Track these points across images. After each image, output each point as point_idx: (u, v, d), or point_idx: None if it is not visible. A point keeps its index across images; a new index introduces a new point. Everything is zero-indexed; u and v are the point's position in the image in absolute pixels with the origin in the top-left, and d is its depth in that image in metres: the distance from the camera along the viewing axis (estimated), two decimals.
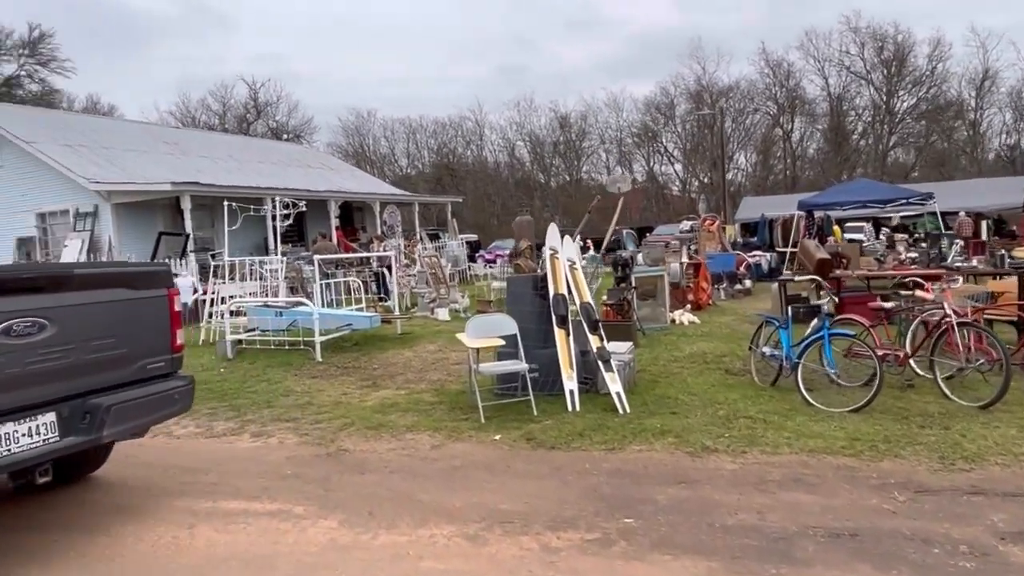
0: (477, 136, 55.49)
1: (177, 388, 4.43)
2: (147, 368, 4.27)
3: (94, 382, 3.93)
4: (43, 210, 18.62)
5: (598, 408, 6.05)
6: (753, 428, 5.31)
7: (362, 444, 5.49)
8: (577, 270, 6.79)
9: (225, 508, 4.26)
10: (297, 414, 6.47)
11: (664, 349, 8.60)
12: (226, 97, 53.55)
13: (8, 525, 4.16)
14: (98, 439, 3.89)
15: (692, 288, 12.40)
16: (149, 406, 4.21)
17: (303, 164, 29.37)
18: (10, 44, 42.88)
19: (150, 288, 4.38)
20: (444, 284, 14.64)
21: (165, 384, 4.36)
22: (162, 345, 4.40)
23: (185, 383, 4.52)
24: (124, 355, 4.11)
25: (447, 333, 10.92)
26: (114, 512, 4.29)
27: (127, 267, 5.76)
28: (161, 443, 5.81)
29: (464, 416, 6.09)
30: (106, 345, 4.00)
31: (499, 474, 4.67)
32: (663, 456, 4.87)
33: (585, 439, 5.27)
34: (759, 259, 18.61)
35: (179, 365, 4.57)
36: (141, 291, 4.30)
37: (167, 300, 4.45)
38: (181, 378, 4.54)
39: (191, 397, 4.62)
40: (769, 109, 48.74)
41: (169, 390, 4.36)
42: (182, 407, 4.54)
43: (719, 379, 7.04)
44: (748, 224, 29.82)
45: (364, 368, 8.54)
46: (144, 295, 4.31)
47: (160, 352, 4.37)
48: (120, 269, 5.29)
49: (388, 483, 4.59)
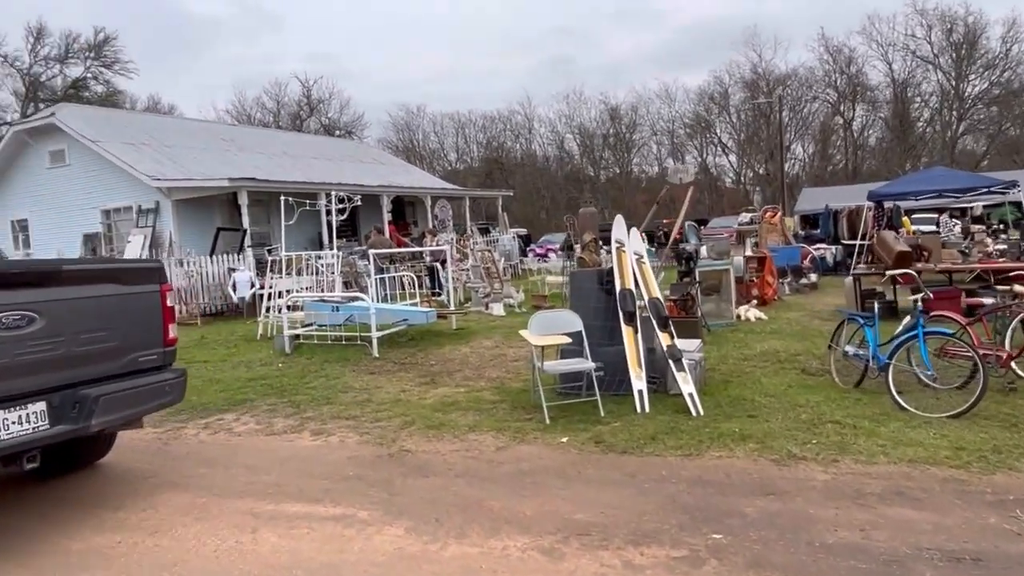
0: (526, 129, 55.25)
1: (168, 380, 4.57)
2: (139, 361, 4.42)
3: (84, 373, 4.07)
4: (108, 207, 19.13)
5: (668, 410, 5.74)
6: (842, 434, 4.92)
7: (424, 444, 5.30)
8: (644, 264, 6.47)
9: (288, 511, 4.11)
10: (356, 412, 6.33)
11: (733, 347, 8.21)
12: (280, 95, 54.60)
13: (74, 524, 4.11)
14: (87, 428, 4.01)
15: (756, 282, 11.90)
16: (138, 397, 4.36)
17: (355, 159, 29.60)
18: (77, 48, 44.55)
19: (142, 284, 4.53)
20: (498, 279, 14.44)
21: (156, 376, 4.51)
22: (154, 339, 4.55)
23: (176, 375, 4.66)
24: (115, 348, 4.26)
25: (503, 329, 10.72)
26: (178, 512, 4.19)
27: (117, 263, 6.03)
28: (222, 440, 5.75)
29: (528, 416, 5.85)
30: (96, 338, 4.15)
31: (570, 480, 4.41)
32: (745, 463, 4.53)
33: (658, 443, 4.97)
34: (823, 252, 17.88)
35: (172, 358, 4.73)
36: (132, 287, 4.45)
37: (159, 296, 4.61)
38: (173, 371, 4.68)
39: (182, 389, 4.74)
40: (828, 97, 47.10)
41: (160, 382, 4.50)
42: (173, 399, 4.67)
43: (796, 379, 6.62)
44: (808, 216, 28.82)
45: (421, 364, 8.39)
46: (135, 291, 4.46)
47: (152, 346, 4.53)
48: (110, 265, 5.49)
49: (454, 487, 4.38)
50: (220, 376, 8.29)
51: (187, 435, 5.94)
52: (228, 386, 7.69)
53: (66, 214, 19.67)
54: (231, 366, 8.92)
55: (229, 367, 8.87)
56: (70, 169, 19.73)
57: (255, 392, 7.33)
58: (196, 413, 6.63)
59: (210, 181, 17.80)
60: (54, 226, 19.95)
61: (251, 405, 6.82)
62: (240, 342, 10.95)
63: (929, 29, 43.34)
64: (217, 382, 7.96)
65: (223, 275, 15.44)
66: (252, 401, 6.96)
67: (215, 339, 11.51)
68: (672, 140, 51.95)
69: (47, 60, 44.55)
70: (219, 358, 9.56)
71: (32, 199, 20.60)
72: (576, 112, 57.85)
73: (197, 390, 7.58)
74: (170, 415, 6.59)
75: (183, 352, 10.32)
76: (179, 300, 14.47)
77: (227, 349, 10.35)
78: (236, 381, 7.91)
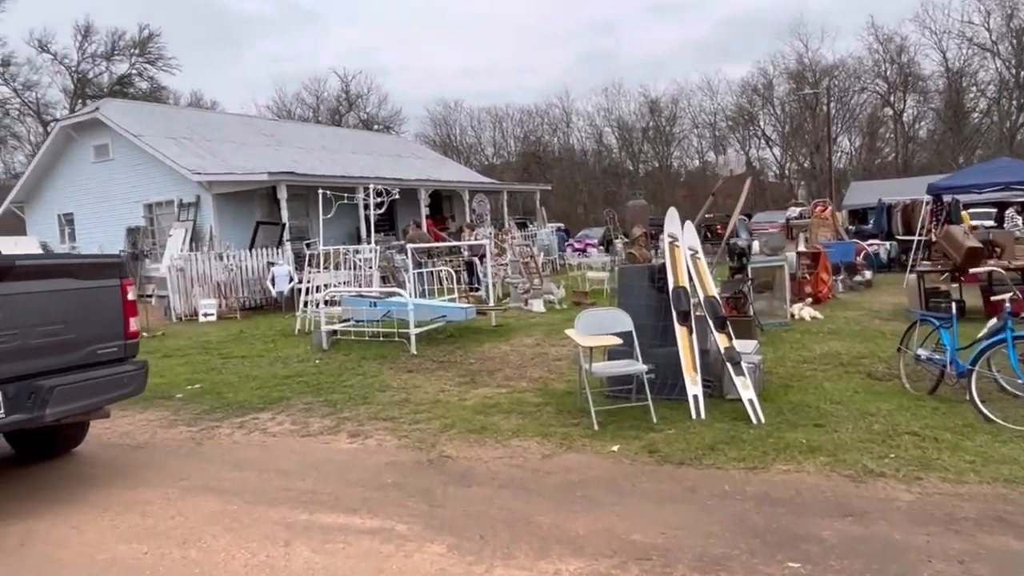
0: (564, 123, 54.68)
1: (127, 372, 4.70)
2: (97, 353, 4.54)
3: (40, 365, 4.19)
4: (150, 200, 19.33)
5: (726, 417, 5.35)
6: (923, 448, 4.48)
7: (465, 450, 5.01)
8: (700, 259, 6.07)
9: (323, 522, 3.86)
10: (395, 412, 6.08)
11: (790, 348, 7.75)
12: (319, 90, 55.04)
13: (100, 530, 3.92)
14: (41, 417, 4.12)
15: (810, 280, 11.35)
16: (95, 388, 4.47)
17: (393, 154, 29.53)
18: (123, 45, 45.45)
19: (101, 279, 4.63)
20: (537, 274, 14.11)
21: (116, 368, 4.63)
22: (114, 332, 4.67)
23: (137, 368, 4.78)
24: (72, 341, 4.39)
25: (543, 326, 10.41)
26: (208, 520, 3.97)
27: (74, 259, 6.17)
28: (257, 441, 5.54)
29: (574, 421, 5.52)
30: (53, 331, 4.27)
31: (624, 494, 4.07)
32: (817, 479, 4.13)
33: (718, 454, 4.59)
34: (877, 248, 17.13)
35: (134, 351, 4.85)
36: (90, 281, 4.55)
37: (119, 290, 4.72)
38: (134, 363, 4.80)
39: (142, 381, 4.85)
40: (878, 88, 45.52)
41: (119, 374, 4.63)
42: (133, 390, 4.77)
43: (862, 384, 6.16)
44: (856, 211, 27.82)
45: (460, 363, 8.11)
46: (93, 285, 4.57)
47: (112, 338, 4.65)
48: (66, 260, 5.60)
49: (498, 499, 4.08)
50: (257, 372, 8.14)
51: (221, 435, 5.76)
52: (264, 383, 7.52)
53: (110, 208, 19.95)
54: (268, 362, 8.78)
55: (266, 363, 8.73)
56: (114, 164, 19.99)
57: (291, 390, 7.14)
58: (232, 411, 6.46)
59: (250, 175, 17.82)
60: (98, 220, 20.25)
61: (287, 404, 6.62)
62: (278, 337, 10.84)
63: (987, 15, 41.54)
64: (254, 379, 7.81)
65: (262, 269, 15.42)
66: (288, 399, 6.76)
67: (253, 333, 11.42)
68: (714, 133, 50.92)
69: (94, 57, 45.62)
70: (256, 353, 9.44)
71: (78, 193, 20.95)
72: (615, 105, 57.20)
73: (233, 387, 7.44)
74: (205, 413, 6.44)
75: (222, 347, 10.32)
76: (219, 294, 14.48)
77: (264, 344, 10.23)
78: (273, 378, 7.74)
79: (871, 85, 45.62)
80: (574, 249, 26.77)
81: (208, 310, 13.92)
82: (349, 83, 54.52)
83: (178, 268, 14.30)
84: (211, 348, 10.19)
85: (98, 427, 6.21)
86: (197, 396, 7.16)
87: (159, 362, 9.25)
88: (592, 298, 13.15)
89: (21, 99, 43.40)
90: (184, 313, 14.20)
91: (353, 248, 13.31)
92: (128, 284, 4.80)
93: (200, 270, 14.48)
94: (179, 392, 7.38)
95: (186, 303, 14.30)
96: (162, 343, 11.06)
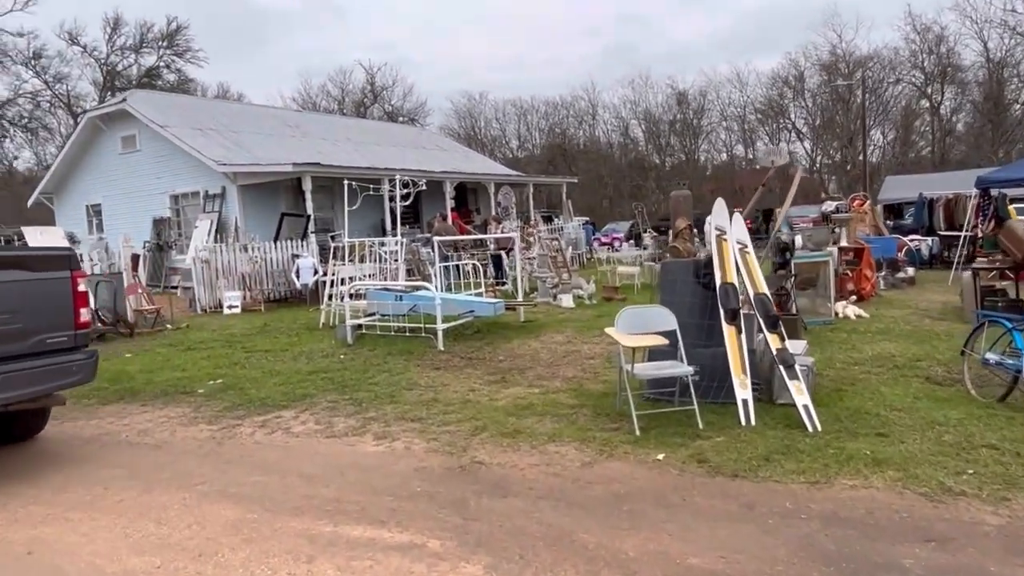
0: (590, 115, 54.03)
1: (76, 361, 4.84)
2: (46, 343, 4.68)
3: None
4: (176, 192, 19.28)
5: (778, 423, 4.97)
6: (1004, 463, 4.07)
7: (499, 455, 4.70)
8: (749, 254, 5.68)
9: (349, 535, 3.57)
10: (422, 413, 5.78)
11: (838, 349, 7.32)
12: (345, 83, 54.97)
13: (112, 540, 3.67)
14: None
15: (851, 276, 10.86)
16: (42, 376, 4.59)
17: (418, 146, 29.29)
18: (151, 37, 45.77)
19: (50, 270, 4.74)
20: (566, 268, 13.76)
21: (65, 357, 4.76)
22: (64, 322, 4.80)
23: (86, 357, 4.92)
24: (20, 330, 4.51)
25: (574, 322, 10.07)
26: (226, 530, 3.70)
27: (21, 251, 6.27)
28: (279, 441, 5.28)
29: (613, 425, 5.18)
30: (1, 321, 4.39)
31: (675, 509, 3.73)
32: (888, 497, 3.75)
33: (774, 466, 4.22)
34: (919, 244, 16.50)
35: (84, 340, 5.01)
36: (40, 273, 4.66)
37: (70, 281, 4.84)
38: (84, 352, 4.94)
39: (92, 370, 4.98)
40: (914, 79, 44.25)
41: (67, 363, 4.77)
42: (81, 378, 4.91)
43: (922, 390, 5.73)
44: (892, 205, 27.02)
45: (489, 360, 7.81)
46: (44, 277, 4.67)
47: (61, 328, 4.78)
48: (15, 252, 5.66)
49: (537, 513, 3.76)
50: (280, 368, 7.90)
51: (242, 434, 5.51)
52: (288, 379, 7.27)
53: (137, 199, 19.94)
54: (292, 356, 8.54)
55: (290, 358, 8.49)
56: (140, 155, 19.97)
57: (315, 387, 6.88)
58: (254, 409, 6.21)
59: (275, 166, 17.66)
60: (125, 211, 20.27)
61: (311, 401, 6.36)
62: (302, 330, 10.62)
63: None
64: (277, 374, 7.57)
65: (287, 261, 15.25)
66: (312, 397, 6.50)
67: (277, 327, 11.23)
68: (743, 126, 49.95)
69: (123, 50, 45.98)
70: (280, 347, 9.22)
71: (105, 184, 20.99)
72: (642, 97, 56.39)
73: (256, 383, 7.21)
74: (226, 411, 6.20)
75: (246, 340, 10.12)
76: (243, 286, 14.33)
77: (288, 338, 10.02)
78: (296, 374, 7.49)
79: (907, 76, 44.40)
80: (601, 243, 26.35)
81: (232, 302, 13.78)
82: (374, 75, 54.45)
83: (203, 260, 14.18)
84: (235, 341, 10.00)
85: (116, 424, 6.02)
86: (219, 392, 6.93)
87: (181, 355, 9.08)
88: (622, 293, 12.77)
89: (52, 91, 43.93)
90: (209, 305, 14.08)
91: (379, 240, 13.06)
92: (79, 276, 4.94)
93: (225, 262, 14.35)
94: (200, 387, 7.17)
95: (211, 295, 14.17)
96: (186, 335, 10.90)
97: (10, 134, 43.00)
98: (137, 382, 7.55)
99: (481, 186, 25.04)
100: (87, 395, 7.09)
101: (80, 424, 6.08)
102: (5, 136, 43.02)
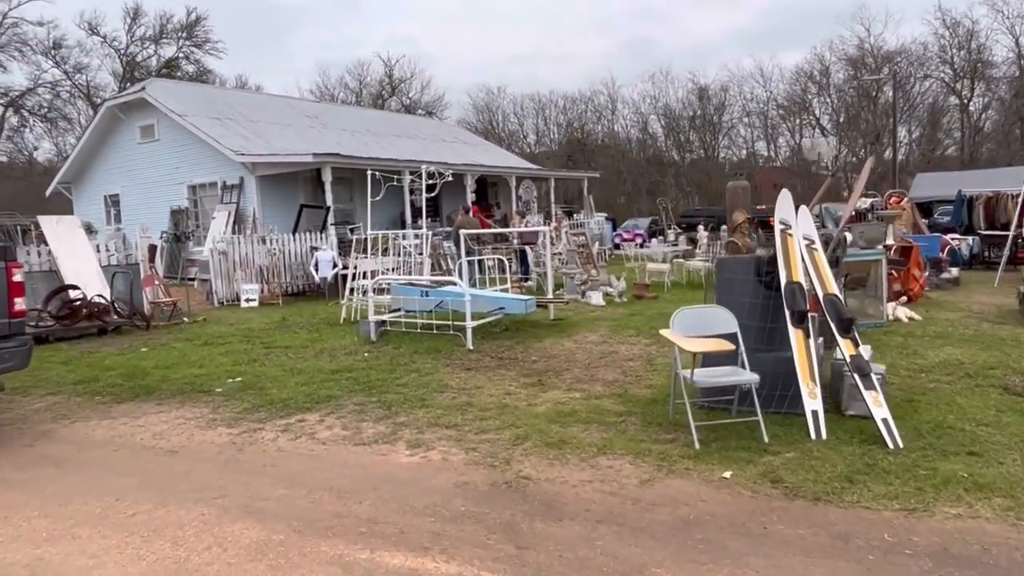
0: (609, 110, 53.36)
1: (9, 348, 5.08)
2: None
3: None
4: (194, 182, 19.00)
5: (852, 438, 4.51)
6: None
7: (546, 469, 4.27)
8: (817, 251, 5.21)
9: (387, 564, 3.15)
10: (457, 418, 5.36)
11: (898, 355, 6.82)
12: (363, 75, 54.71)
13: (123, 562, 3.28)
14: None
15: (899, 276, 10.32)
16: None
17: (438, 138, 28.88)
18: (171, 28, 45.68)
19: None
20: (593, 264, 13.30)
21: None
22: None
23: (20, 344, 5.17)
24: None
25: (607, 321, 9.62)
26: (249, 554, 3.30)
27: None
28: (304, 449, 4.88)
29: (668, 437, 4.73)
30: None
31: (757, 540, 3.28)
32: (1002, 530, 3.28)
33: (860, 488, 3.76)
34: (959, 243, 15.87)
35: (20, 328, 5.28)
36: None
37: (4, 272, 5.11)
38: (18, 340, 5.19)
39: (26, 356, 5.24)
40: (943, 75, 43.23)
41: (1, 349, 5.01)
42: (16, 364, 5.16)
43: (1003, 402, 5.23)
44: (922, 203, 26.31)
45: (522, 360, 7.38)
46: None
47: None
48: None
49: (599, 540, 3.32)
50: (302, 366, 7.51)
51: (264, 439, 5.11)
52: (311, 378, 6.88)
53: (155, 189, 19.70)
54: (313, 354, 8.16)
55: (311, 355, 8.11)
56: (159, 144, 19.72)
57: (340, 387, 6.48)
58: (276, 411, 5.82)
59: (294, 156, 17.33)
60: (143, 201, 20.04)
61: (336, 404, 5.95)
62: (323, 326, 10.24)
63: None
64: (299, 373, 7.18)
65: (305, 254, 14.90)
66: (337, 399, 6.10)
67: (297, 321, 10.85)
68: (765, 121, 49.09)
69: (143, 40, 45.97)
70: (301, 344, 8.83)
71: (124, 174, 20.77)
72: (662, 93, 55.87)
73: (277, 382, 6.82)
74: (247, 412, 5.81)
75: (264, 335, 9.74)
76: (261, 279, 13.99)
77: (309, 333, 9.64)
78: (319, 373, 7.10)
79: (936, 72, 43.39)
80: (622, 239, 25.82)
81: (250, 295, 13.44)
82: (392, 68, 54.07)
83: (221, 251, 13.84)
84: (253, 336, 9.63)
85: (130, 425, 5.65)
86: (238, 391, 6.55)
87: (199, 350, 8.72)
88: (653, 291, 12.29)
89: (72, 81, 43.95)
90: (226, 298, 13.74)
91: (401, 233, 12.66)
92: (14, 266, 5.20)
93: (243, 254, 14.01)
94: (219, 386, 6.79)
95: (228, 287, 13.84)
96: (203, 329, 10.56)
97: (30, 124, 43.09)
98: (153, 379, 7.19)
99: (501, 180, 24.60)
100: (101, 392, 6.74)
101: (92, 424, 5.72)
102: (25, 126, 43.12)
